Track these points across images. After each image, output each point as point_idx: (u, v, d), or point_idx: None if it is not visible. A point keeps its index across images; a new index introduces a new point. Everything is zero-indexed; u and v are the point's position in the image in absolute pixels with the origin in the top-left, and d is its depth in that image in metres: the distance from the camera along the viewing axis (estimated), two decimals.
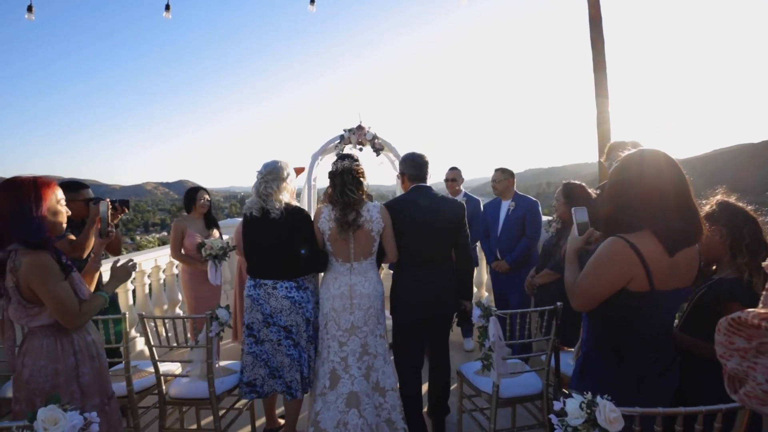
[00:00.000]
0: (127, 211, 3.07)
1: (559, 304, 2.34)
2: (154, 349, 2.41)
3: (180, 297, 4.56)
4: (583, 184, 3.12)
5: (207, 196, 3.77)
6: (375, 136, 4.98)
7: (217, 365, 2.41)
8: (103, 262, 3.77)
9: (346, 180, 2.40)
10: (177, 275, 4.61)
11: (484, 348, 2.25)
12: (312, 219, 2.51)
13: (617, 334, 1.46)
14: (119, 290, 3.90)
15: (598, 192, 3.07)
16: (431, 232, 2.53)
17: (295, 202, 2.56)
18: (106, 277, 3.72)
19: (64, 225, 1.74)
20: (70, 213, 1.78)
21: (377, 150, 5.01)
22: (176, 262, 4.41)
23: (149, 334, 2.37)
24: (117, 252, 3.39)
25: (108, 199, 2.06)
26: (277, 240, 2.42)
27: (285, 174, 2.51)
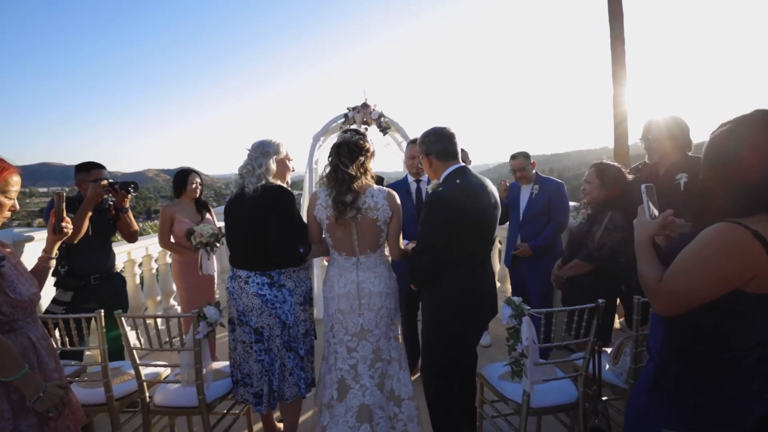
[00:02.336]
0: (129, 195, 2.80)
1: (600, 301, 2.02)
2: (134, 351, 2.11)
3: (175, 288, 4.28)
4: (618, 165, 2.77)
5: (199, 179, 3.44)
6: (381, 115, 4.61)
7: (206, 370, 2.11)
8: (119, 245, 3.53)
9: (341, 152, 2.04)
10: (170, 264, 4.32)
11: (515, 352, 1.94)
12: (292, 199, 2.15)
13: (711, 345, 1.13)
14: None
15: (635, 175, 2.74)
16: (490, 223, 2.10)
17: (282, 184, 2.25)
18: (122, 258, 3.51)
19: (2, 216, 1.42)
20: (15, 207, 1.44)
21: (383, 129, 4.64)
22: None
23: (127, 335, 2.07)
24: (132, 238, 3.11)
25: (63, 190, 1.73)
26: (250, 222, 2.13)
27: (273, 150, 2.22)
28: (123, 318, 2.05)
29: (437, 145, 2.08)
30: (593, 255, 2.57)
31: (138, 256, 4.04)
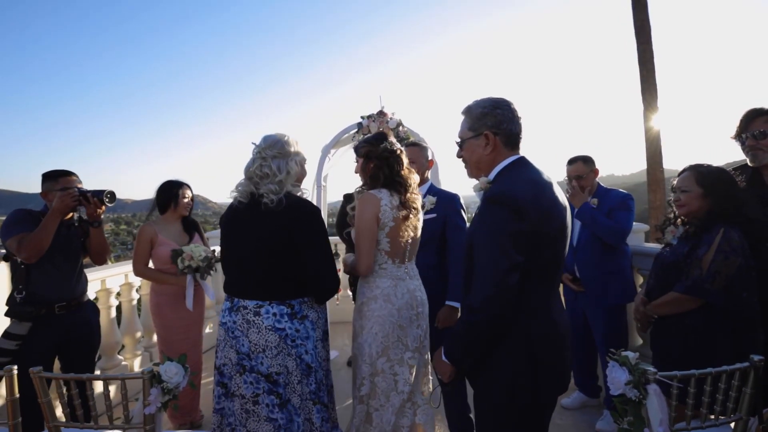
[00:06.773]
0: (102, 206, 2.31)
1: (757, 358, 1.33)
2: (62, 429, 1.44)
3: None
4: (720, 167, 2.14)
5: (190, 193, 2.88)
6: (400, 124, 4.06)
7: None
8: (92, 271, 2.99)
9: (405, 161, 1.97)
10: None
11: None
12: (321, 218, 1.83)
13: None
14: None
15: (741, 177, 2.11)
16: (566, 236, 1.44)
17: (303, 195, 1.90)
18: (94, 287, 2.96)
19: None
20: None
21: (403, 141, 4.08)
22: None
23: (50, 402, 1.40)
24: (102, 259, 2.55)
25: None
26: (268, 239, 1.73)
27: (294, 152, 1.83)
28: (40, 377, 1.38)
29: (512, 124, 1.40)
30: (704, 287, 1.88)
31: (115, 284, 3.42)
